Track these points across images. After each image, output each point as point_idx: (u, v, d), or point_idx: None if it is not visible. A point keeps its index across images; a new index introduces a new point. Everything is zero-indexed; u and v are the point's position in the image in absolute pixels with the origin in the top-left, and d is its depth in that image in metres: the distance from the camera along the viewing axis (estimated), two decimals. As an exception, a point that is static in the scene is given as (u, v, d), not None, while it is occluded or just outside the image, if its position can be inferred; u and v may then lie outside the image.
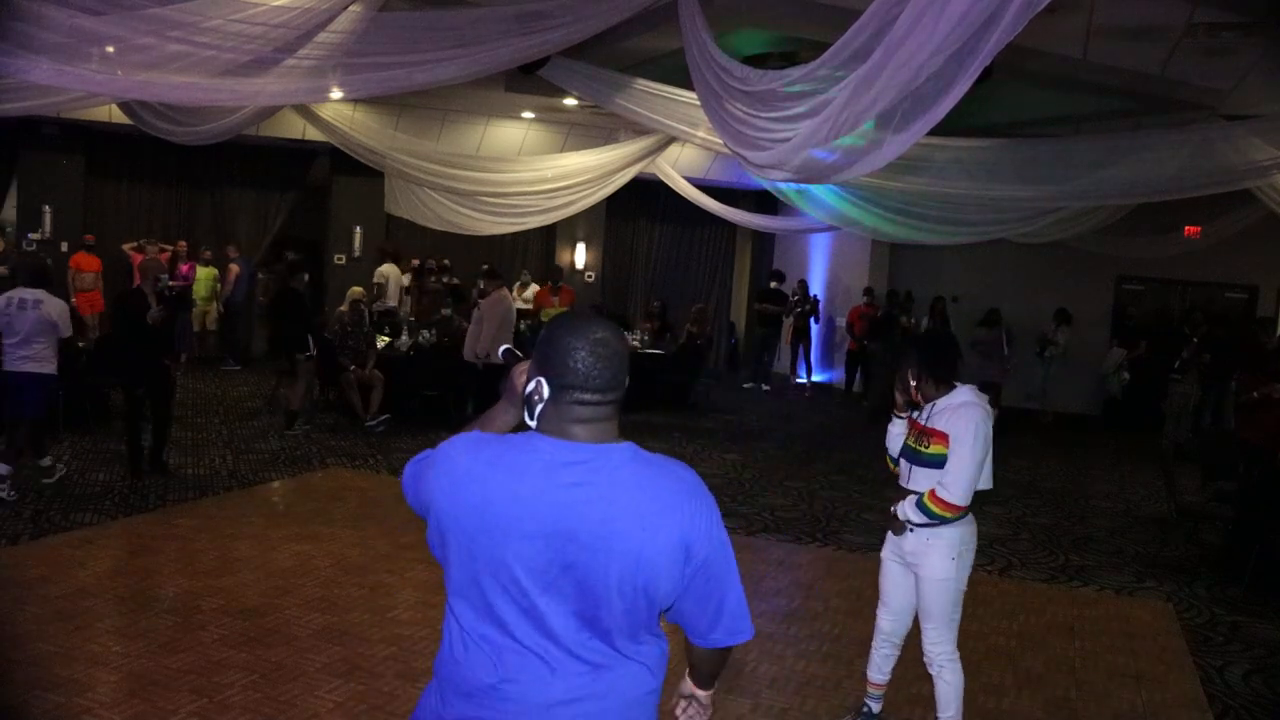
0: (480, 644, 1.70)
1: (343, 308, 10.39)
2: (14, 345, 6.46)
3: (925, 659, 3.74)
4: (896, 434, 3.83)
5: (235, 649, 4.37)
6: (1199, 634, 5.52)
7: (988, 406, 3.61)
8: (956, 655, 3.72)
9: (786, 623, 5.23)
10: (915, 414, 3.72)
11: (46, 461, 6.89)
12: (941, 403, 3.59)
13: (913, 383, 3.66)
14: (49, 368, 6.59)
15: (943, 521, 3.54)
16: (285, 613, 4.84)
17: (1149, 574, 6.63)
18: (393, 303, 12.46)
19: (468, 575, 1.70)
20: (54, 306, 6.59)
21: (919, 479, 3.64)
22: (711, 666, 1.96)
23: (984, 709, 4.30)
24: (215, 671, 4.14)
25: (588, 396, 1.69)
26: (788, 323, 14.78)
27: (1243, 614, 5.91)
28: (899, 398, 3.80)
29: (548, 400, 1.70)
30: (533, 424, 1.75)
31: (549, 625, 1.67)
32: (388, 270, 12.66)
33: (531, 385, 1.72)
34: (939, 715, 3.75)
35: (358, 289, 10.68)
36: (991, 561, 6.63)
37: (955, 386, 3.62)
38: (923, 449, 3.62)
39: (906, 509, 3.62)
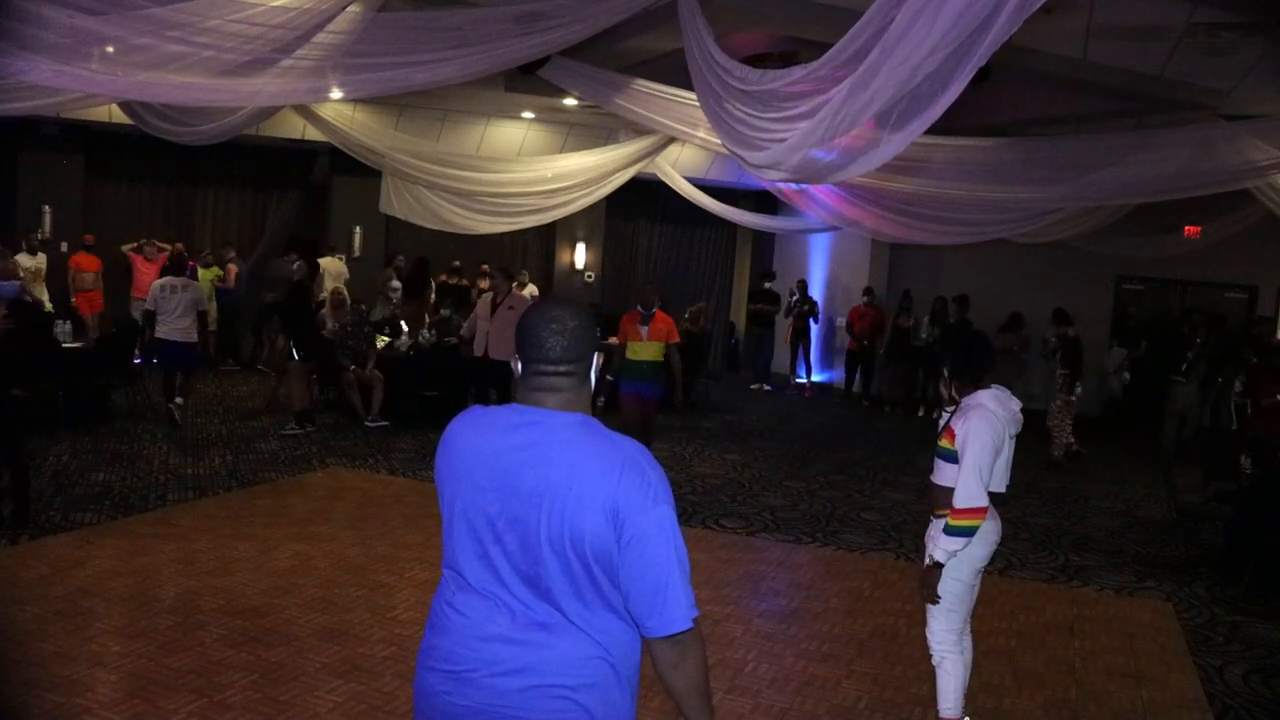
0: (448, 582, 1.93)
1: (323, 296, 10.50)
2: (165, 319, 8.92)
3: (930, 648, 3.76)
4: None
5: (235, 649, 4.37)
6: (1199, 634, 5.52)
7: (1009, 408, 3.63)
8: (959, 648, 3.73)
9: (786, 623, 5.23)
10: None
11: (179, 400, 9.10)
12: (967, 400, 3.67)
13: (949, 383, 3.76)
14: (193, 336, 9.14)
15: (974, 530, 3.55)
16: (285, 613, 4.84)
17: (1149, 574, 6.63)
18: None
19: (446, 522, 1.94)
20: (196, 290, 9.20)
21: (936, 470, 3.74)
22: (685, 697, 1.92)
23: (984, 709, 4.30)
24: (215, 671, 4.14)
25: (545, 367, 1.89)
26: (786, 323, 14.78)
27: (1243, 614, 5.91)
28: (944, 390, 3.88)
29: (520, 374, 1.93)
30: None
31: (500, 574, 1.85)
32: (326, 264, 12.61)
33: (515, 363, 1.96)
34: (939, 706, 3.75)
35: (338, 287, 10.73)
36: (991, 561, 6.56)
37: (983, 387, 3.66)
38: (938, 442, 3.74)
39: (937, 549, 3.57)
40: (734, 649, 4.79)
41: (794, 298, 14.56)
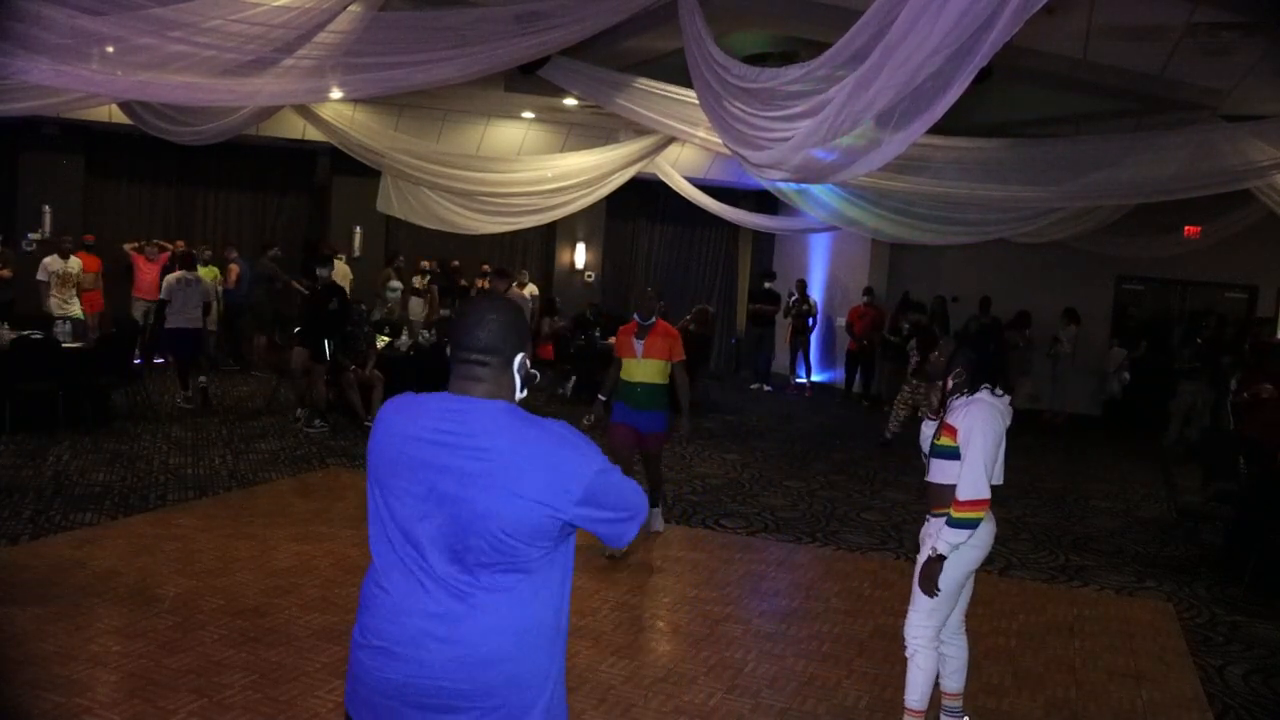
0: (375, 561, 2.01)
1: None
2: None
3: (905, 639, 3.77)
4: (927, 435, 3.87)
5: (235, 649, 4.37)
6: (1199, 634, 5.52)
7: (1004, 404, 3.64)
8: (934, 644, 3.73)
9: (786, 623, 5.23)
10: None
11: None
12: (959, 399, 3.66)
13: (951, 380, 3.71)
14: (200, 324, 9.96)
15: (977, 523, 3.53)
16: (285, 613, 4.84)
17: (1149, 574, 6.63)
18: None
19: (374, 504, 2.01)
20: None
21: (933, 470, 3.72)
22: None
23: (984, 709, 4.30)
24: (215, 671, 4.14)
25: (469, 355, 1.99)
26: (785, 323, 14.78)
27: (1243, 614, 5.90)
28: (933, 398, 3.85)
29: (450, 361, 2.04)
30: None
31: (426, 553, 1.93)
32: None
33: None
34: (906, 697, 3.76)
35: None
36: (991, 561, 6.62)
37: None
38: (936, 440, 3.72)
39: (941, 541, 3.54)
40: (734, 649, 4.79)
41: (793, 298, 14.57)
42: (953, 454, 3.60)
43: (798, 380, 14.72)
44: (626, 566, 5.89)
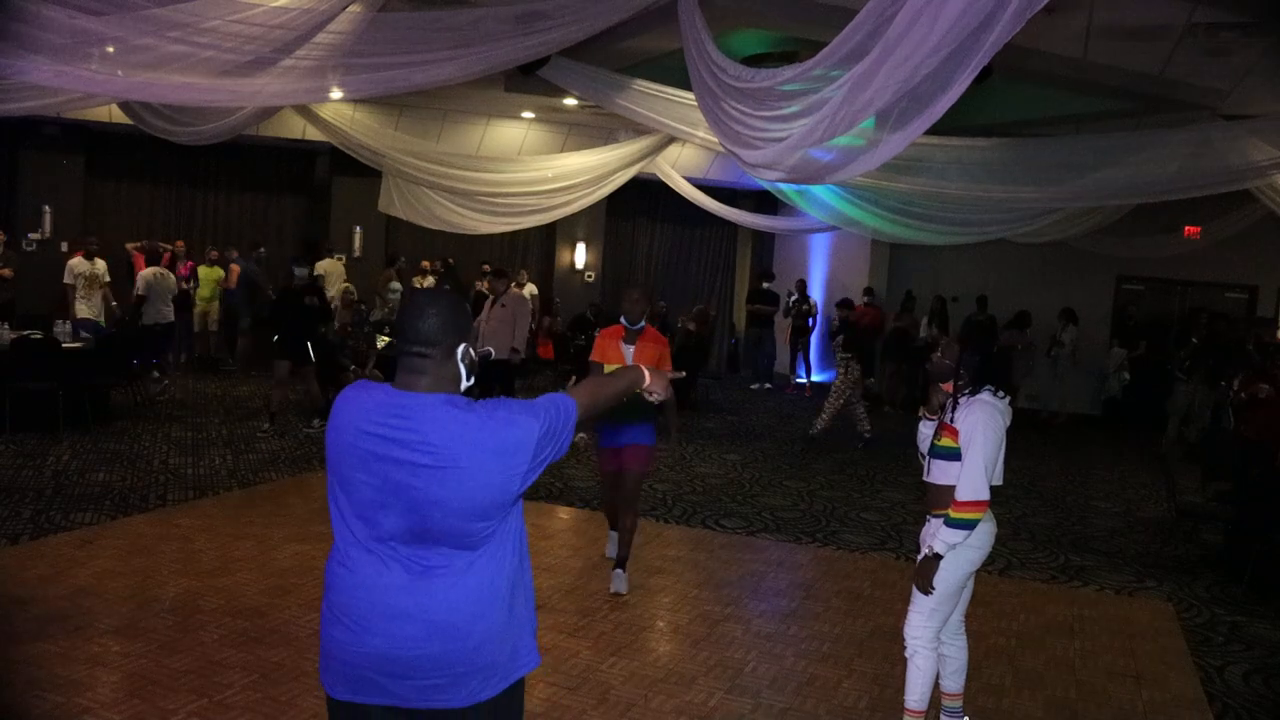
0: (338, 544, 2.11)
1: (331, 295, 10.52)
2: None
3: (905, 640, 3.76)
4: (926, 435, 3.85)
5: (235, 649, 4.37)
6: (1199, 634, 5.52)
7: (1004, 405, 3.64)
8: (933, 645, 3.71)
9: (786, 623, 5.23)
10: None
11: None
12: (961, 400, 3.65)
13: (958, 381, 3.69)
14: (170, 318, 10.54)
15: (975, 524, 3.53)
16: (285, 613, 4.84)
17: (1149, 574, 6.63)
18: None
19: (334, 489, 2.11)
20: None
21: (934, 471, 3.71)
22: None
23: (984, 709, 4.30)
24: (215, 671, 4.14)
25: (411, 348, 2.09)
26: (785, 323, 14.77)
27: (1243, 614, 5.90)
28: (934, 399, 3.82)
29: (398, 355, 2.13)
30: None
31: (388, 532, 2.03)
32: (327, 266, 12.63)
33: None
34: (906, 698, 3.76)
35: (348, 287, 10.75)
36: (991, 561, 6.62)
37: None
38: (937, 441, 3.71)
39: (938, 541, 3.55)
40: (734, 649, 4.79)
41: (793, 298, 14.57)
42: (954, 455, 3.60)
43: (798, 380, 14.73)
44: (627, 566, 5.88)
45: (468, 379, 2.15)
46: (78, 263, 10.45)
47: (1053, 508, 8.40)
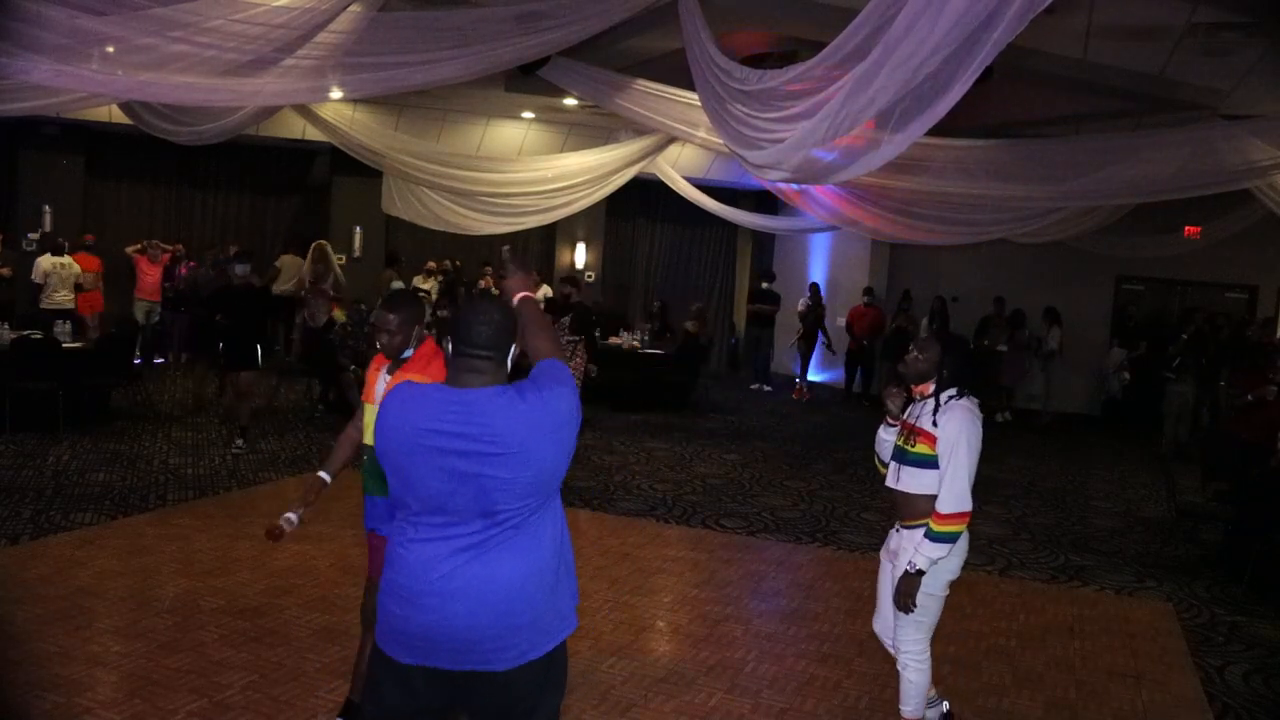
0: (404, 528, 2.28)
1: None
2: None
3: (895, 653, 3.70)
4: (887, 440, 3.72)
5: (235, 649, 4.37)
6: (1199, 634, 5.52)
7: (976, 410, 3.53)
8: (925, 656, 3.62)
9: (786, 623, 5.23)
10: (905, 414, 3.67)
11: None
12: (930, 403, 3.53)
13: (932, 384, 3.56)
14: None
15: (958, 536, 3.43)
16: (285, 613, 4.84)
17: (1149, 574, 6.63)
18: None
19: (401, 485, 2.26)
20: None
21: (905, 479, 3.56)
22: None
23: (984, 709, 4.30)
24: (215, 671, 4.14)
25: (474, 352, 2.29)
26: (798, 328, 14.57)
27: (1243, 614, 5.91)
28: (892, 405, 3.70)
29: (451, 355, 2.32)
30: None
31: (458, 515, 2.21)
32: (286, 261, 12.57)
33: (447, 345, 2.36)
34: (901, 708, 3.70)
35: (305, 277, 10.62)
36: (991, 561, 6.63)
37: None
38: (909, 448, 3.54)
39: (920, 556, 3.41)
40: (734, 649, 4.79)
41: (810, 303, 14.30)
42: (929, 462, 3.46)
43: (809, 381, 14.51)
44: (627, 566, 5.88)
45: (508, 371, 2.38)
46: (44, 259, 10.63)
47: (1053, 508, 8.40)
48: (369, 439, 3.46)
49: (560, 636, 2.34)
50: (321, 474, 3.61)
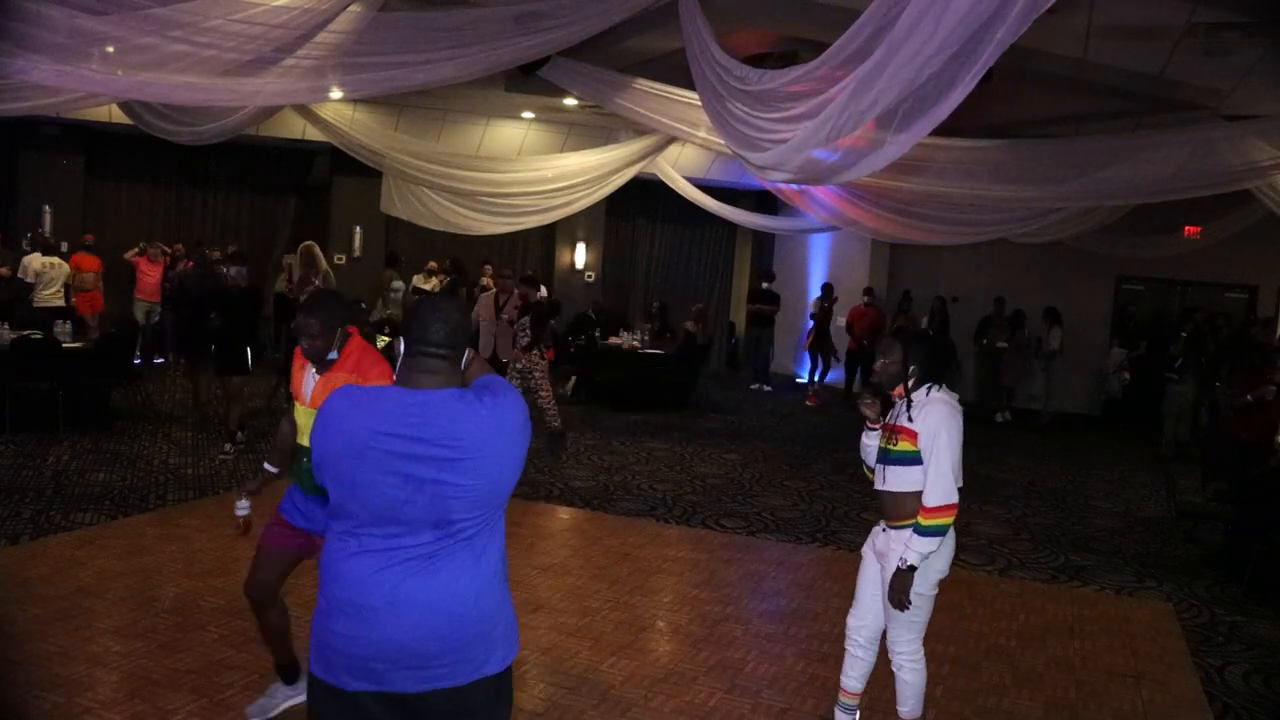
0: (345, 540, 2.13)
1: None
2: None
3: (889, 655, 3.70)
4: (871, 446, 3.69)
5: (235, 649, 4.37)
6: (1199, 634, 5.52)
7: (956, 404, 3.51)
8: (919, 656, 3.63)
9: (786, 623, 5.23)
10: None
11: None
12: (909, 401, 3.51)
13: (907, 377, 3.53)
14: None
15: (947, 529, 3.43)
16: (285, 613, 4.84)
17: (1149, 574, 6.63)
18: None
19: (345, 491, 2.11)
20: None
21: (890, 478, 3.54)
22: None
23: (984, 709, 4.30)
24: (215, 671, 4.14)
25: (430, 350, 2.18)
26: (810, 329, 14.46)
27: (1243, 614, 5.91)
28: (868, 412, 3.66)
29: (403, 354, 2.22)
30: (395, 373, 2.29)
31: (408, 526, 2.08)
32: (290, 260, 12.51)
33: (399, 345, 2.26)
34: (899, 708, 3.71)
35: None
36: (991, 561, 6.63)
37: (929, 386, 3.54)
38: (891, 447, 3.52)
39: (910, 552, 3.41)
40: (734, 649, 4.79)
41: (825, 304, 14.17)
42: (912, 459, 3.45)
43: (820, 382, 14.35)
44: (627, 566, 5.88)
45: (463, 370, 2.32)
46: (34, 258, 10.69)
47: (1053, 508, 8.40)
48: (304, 440, 3.47)
49: (511, 653, 2.23)
50: (267, 466, 3.83)
